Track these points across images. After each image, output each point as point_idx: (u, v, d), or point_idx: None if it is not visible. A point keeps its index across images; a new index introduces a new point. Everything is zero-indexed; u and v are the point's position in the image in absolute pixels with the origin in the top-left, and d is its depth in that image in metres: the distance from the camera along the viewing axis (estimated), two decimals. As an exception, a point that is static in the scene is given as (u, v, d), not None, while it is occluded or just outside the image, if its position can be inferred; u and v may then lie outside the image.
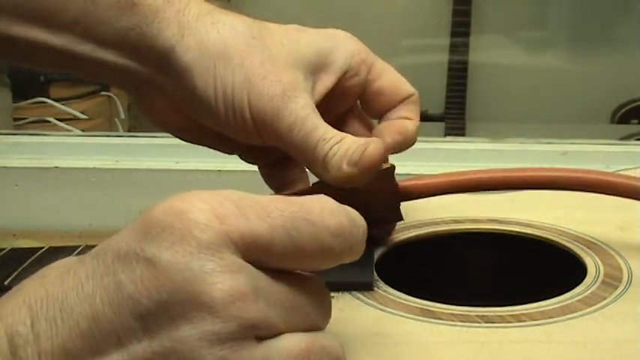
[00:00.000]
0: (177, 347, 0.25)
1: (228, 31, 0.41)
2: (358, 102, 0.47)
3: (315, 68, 0.42)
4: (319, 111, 0.41)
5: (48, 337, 0.25)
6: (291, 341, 0.27)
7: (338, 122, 0.45)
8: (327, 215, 0.27)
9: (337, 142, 0.40)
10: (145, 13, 0.42)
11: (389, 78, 0.45)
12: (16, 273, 0.43)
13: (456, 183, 0.46)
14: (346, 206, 0.29)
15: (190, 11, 0.42)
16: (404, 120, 0.45)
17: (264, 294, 0.26)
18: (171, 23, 0.41)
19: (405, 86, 0.45)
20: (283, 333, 0.27)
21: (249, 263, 0.26)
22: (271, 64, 0.40)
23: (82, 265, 0.27)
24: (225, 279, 0.25)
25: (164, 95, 0.44)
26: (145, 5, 0.42)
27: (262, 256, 0.27)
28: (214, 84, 0.41)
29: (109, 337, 0.25)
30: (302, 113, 0.40)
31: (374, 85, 0.45)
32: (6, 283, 0.42)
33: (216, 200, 0.27)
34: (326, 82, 0.43)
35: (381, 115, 0.46)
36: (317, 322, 0.29)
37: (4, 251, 0.48)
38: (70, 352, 0.25)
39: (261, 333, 0.26)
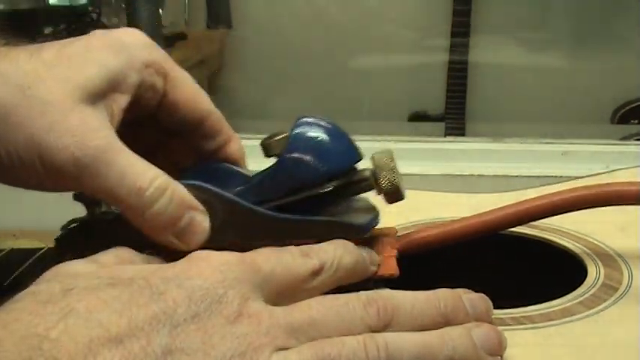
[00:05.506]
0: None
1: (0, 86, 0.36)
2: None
3: (108, 91, 0.38)
4: (128, 135, 0.38)
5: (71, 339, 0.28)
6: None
7: (157, 142, 0.43)
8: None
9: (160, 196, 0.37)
10: None
11: (186, 90, 0.41)
12: (16, 274, 0.43)
13: (458, 231, 0.45)
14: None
15: None
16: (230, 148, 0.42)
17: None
18: None
19: (204, 103, 0.42)
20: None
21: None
22: (54, 112, 0.36)
23: None
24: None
25: None
26: None
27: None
28: None
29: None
30: (120, 161, 0.36)
31: (168, 97, 0.41)
32: (5, 284, 0.42)
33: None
34: (120, 102, 0.39)
35: (177, 133, 0.43)
36: None
37: (4, 252, 0.48)
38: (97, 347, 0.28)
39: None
